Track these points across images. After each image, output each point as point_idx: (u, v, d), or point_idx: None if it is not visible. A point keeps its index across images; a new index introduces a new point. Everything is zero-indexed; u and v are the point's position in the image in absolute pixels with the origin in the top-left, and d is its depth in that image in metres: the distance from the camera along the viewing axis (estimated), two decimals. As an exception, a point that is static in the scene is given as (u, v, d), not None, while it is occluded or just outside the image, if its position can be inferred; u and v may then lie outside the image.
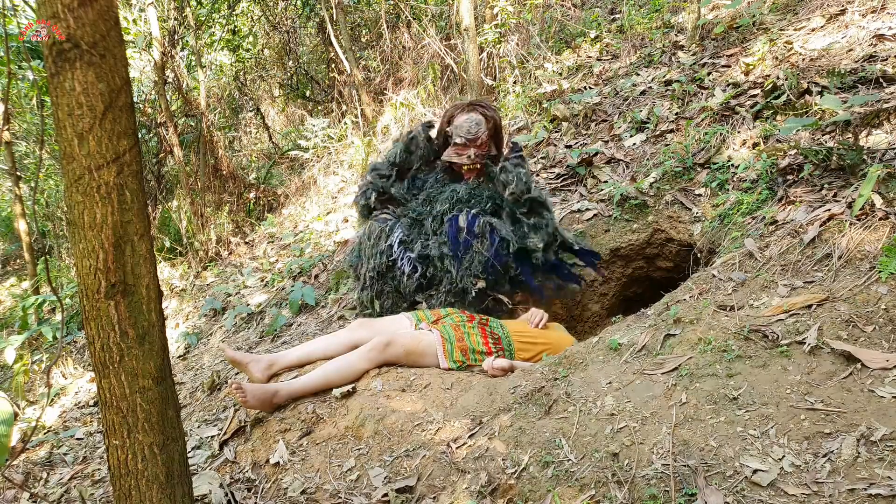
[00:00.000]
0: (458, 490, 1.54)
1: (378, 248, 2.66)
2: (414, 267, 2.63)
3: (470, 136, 2.54)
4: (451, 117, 2.62)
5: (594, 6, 5.72)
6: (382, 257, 2.64)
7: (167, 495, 1.33)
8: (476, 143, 2.56)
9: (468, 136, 2.54)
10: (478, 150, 2.57)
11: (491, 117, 2.59)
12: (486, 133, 2.56)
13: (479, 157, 2.58)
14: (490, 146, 2.62)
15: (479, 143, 2.56)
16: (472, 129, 2.54)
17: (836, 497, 1.17)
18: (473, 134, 2.54)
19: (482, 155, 2.58)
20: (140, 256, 1.23)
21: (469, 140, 2.55)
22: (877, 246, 1.76)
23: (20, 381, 4.00)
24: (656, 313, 2.02)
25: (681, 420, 1.47)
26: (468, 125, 2.55)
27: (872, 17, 3.18)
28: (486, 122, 2.57)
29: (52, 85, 1.12)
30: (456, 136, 2.57)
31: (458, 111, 2.61)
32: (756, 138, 2.83)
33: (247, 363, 2.31)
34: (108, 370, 1.24)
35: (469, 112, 2.57)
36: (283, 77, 8.52)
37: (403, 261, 2.64)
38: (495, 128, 2.62)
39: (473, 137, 2.54)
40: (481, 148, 2.57)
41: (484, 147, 2.58)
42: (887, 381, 1.41)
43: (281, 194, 6.82)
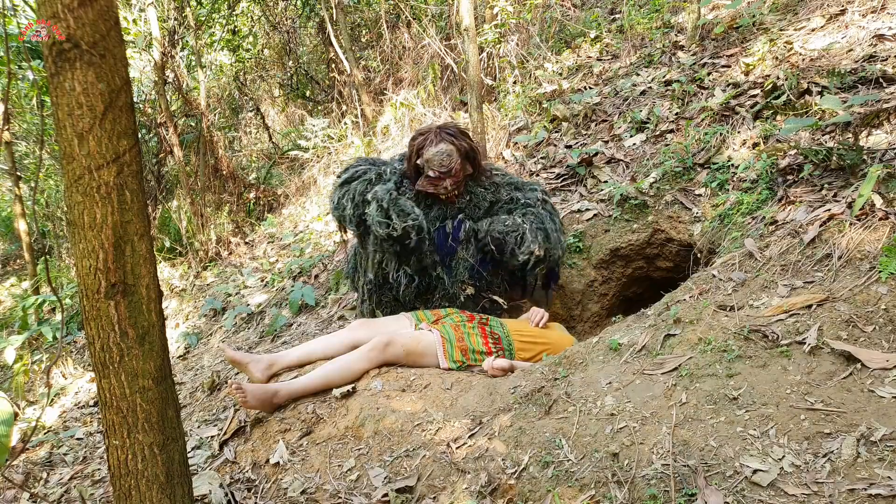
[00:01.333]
0: (458, 490, 1.54)
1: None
2: (410, 277, 2.62)
3: (443, 170, 2.47)
4: (420, 149, 2.52)
5: (594, 6, 5.72)
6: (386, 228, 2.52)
7: (167, 495, 1.33)
8: (450, 174, 2.48)
9: (441, 169, 2.47)
10: (452, 179, 2.50)
11: (461, 145, 2.52)
12: (458, 162, 2.49)
13: (455, 186, 2.52)
14: (464, 170, 2.55)
15: (453, 173, 2.49)
16: (444, 161, 2.46)
17: (836, 497, 1.17)
18: (446, 167, 2.46)
19: (457, 182, 2.52)
20: (140, 256, 1.23)
21: (442, 173, 2.48)
22: (877, 246, 1.75)
23: (20, 381, 4.00)
24: (656, 313, 2.02)
25: (681, 420, 1.47)
26: (439, 158, 2.46)
27: (872, 17, 3.18)
28: (458, 151, 2.49)
29: (52, 85, 1.12)
30: (428, 170, 2.50)
31: (427, 143, 2.51)
32: (756, 138, 2.83)
33: (247, 363, 2.31)
34: (108, 370, 1.24)
35: (438, 144, 2.47)
36: (283, 77, 8.52)
37: (399, 273, 2.63)
38: (468, 151, 2.55)
39: (448, 170, 2.47)
40: (455, 177, 2.50)
41: (458, 174, 2.51)
42: (887, 381, 1.41)
43: (281, 194, 6.82)
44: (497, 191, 2.66)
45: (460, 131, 2.56)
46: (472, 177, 2.60)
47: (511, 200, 2.66)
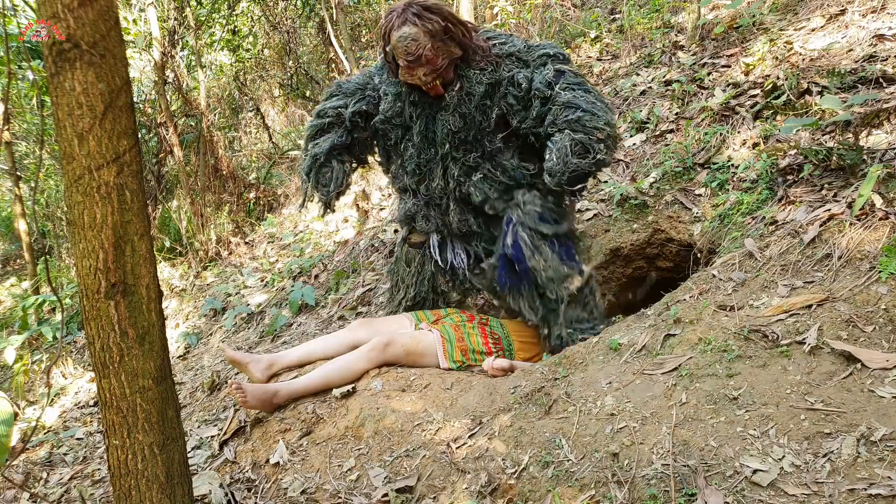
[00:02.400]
0: (458, 490, 1.54)
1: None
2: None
3: (410, 58, 2.08)
4: (386, 34, 2.14)
5: (594, 6, 5.72)
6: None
7: (167, 495, 1.33)
8: (420, 62, 2.08)
9: (408, 57, 2.08)
10: (426, 68, 2.10)
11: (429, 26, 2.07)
12: (430, 46, 2.06)
13: (433, 74, 2.12)
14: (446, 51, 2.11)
15: (425, 61, 2.08)
16: (410, 47, 2.06)
17: (836, 497, 1.17)
18: (413, 53, 2.06)
19: (436, 70, 2.11)
20: (140, 256, 1.23)
21: (411, 62, 2.09)
22: (877, 246, 1.75)
23: (20, 381, 4.00)
24: (656, 313, 2.02)
25: (681, 420, 1.47)
26: (403, 45, 2.07)
27: (872, 17, 3.18)
28: (425, 33, 2.06)
29: (52, 85, 1.12)
30: (398, 58, 2.13)
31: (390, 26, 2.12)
32: (756, 138, 2.83)
33: (247, 363, 2.31)
34: (108, 370, 1.24)
35: (401, 27, 2.07)
36: (283, 77, 8.52)
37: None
38: (444, 31, 2.09)
39: (415, 57, 2.07)
40: (431, 63, 2.09)
41: (435, 60, 2.09)
42: (887, 381, 1.41)
43: (281, 194, 6.82)
44: (496, 69, 2.18)
45: (428, 7, 2.09)
46: (462, 59, 2.17)
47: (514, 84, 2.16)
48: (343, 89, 2.44)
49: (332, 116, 2.41)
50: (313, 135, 2.46)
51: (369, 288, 3.62)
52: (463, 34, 2.13)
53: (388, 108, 2.31)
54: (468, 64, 2.17)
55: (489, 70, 2.17)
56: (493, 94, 2.19)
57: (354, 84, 2.43)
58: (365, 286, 3.66)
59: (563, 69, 2.14)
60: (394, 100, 2.30)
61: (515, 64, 2.17)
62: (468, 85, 2.18)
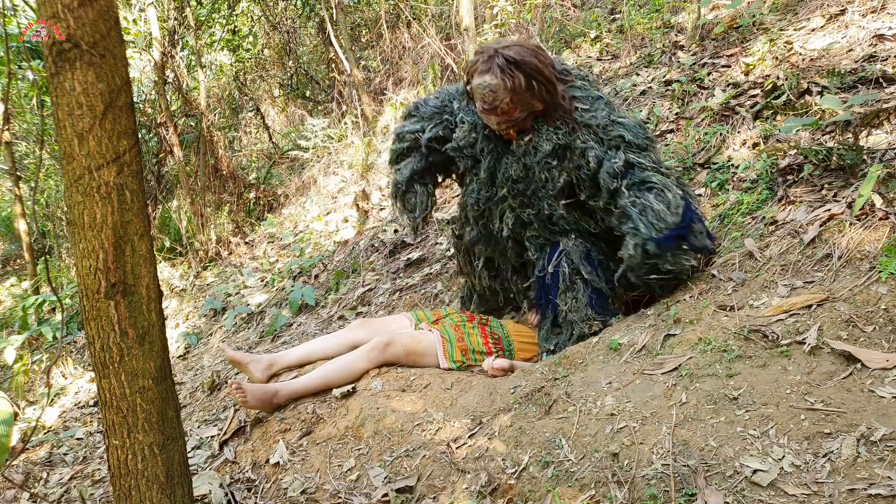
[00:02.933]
0: (458, 490, 1.54)
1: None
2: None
3: (486, 106, 2.06)
4: (470, 74, 2.11)
5: (594, 6, 5.72)
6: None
7: (167, 495, 1.33)
8: (496, 112, 2.06)
9: (483, 105, 2.06)
10: (500, 118, 2.07)
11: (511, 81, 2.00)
12: (507, 100, 2.01)
13: (508, 123, 2.09)
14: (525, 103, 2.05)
15: (500, 112, 2.05)
16: (487, 97, 2.03)
17: (836, 497, 1.17)
18: (489, 103, 2.04)
19: (511, 121, 2.08)
20: (140, 256, 1.23)
21: (486, 109, 2.07)
22: (877, 246, 1.75)
23: (20, 381, 4.00)
24: (656, 313, 2.02)
25: (681, 420, 1.47)
26: (482, 92, 2.03)
27: (872, 17, 3.18)
28: (505, 87, 1.99)
29: (52, 85, 1.12)
30: (475, 99, 2.10)
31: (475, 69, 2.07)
32: (756, 138, 2.83)
33: (247, 363, 2.31)
34: (108, 370, 1.24)
35: (484, 74, 2.02)
36: (283, 77, 8.52)
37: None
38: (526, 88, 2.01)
39: (490, 107, 2.05)
40: (507, 115, 2.06)
41: (512, 113, 2.05)
42: (887, 381, 1.41)
43: (281, 194, 6.83)
44: (570, 133, 2.09)
45: (516, 61, 2.00)
46: (542, 113, 2.10)
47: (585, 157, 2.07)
48: (421, 112, 2.43)
49: (410, 141, 2.43)
50: (395, 159, 2.50)
51: (369, 288, 3.62)
52: (546, 91, 2.06)
53: (462, 137, 2.29)
54: (545, 119, 2.11)
55: (563, 131, 2.10)
56: (561, 156, 2.12)
57: (432, 108, 2.41)
58: (365, 286, 3.66)
59: (633, 161, 2.04)
60: (469, 130, 2.27)
61: (591, 137, 2.08)
62: (537, 139, 2.13)
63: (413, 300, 3.24)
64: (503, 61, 2.01)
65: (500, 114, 2.07)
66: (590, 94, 2.15)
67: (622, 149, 2.05)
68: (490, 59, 2.04)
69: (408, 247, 3.90)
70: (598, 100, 2.15)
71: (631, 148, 2.06)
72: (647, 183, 2.02)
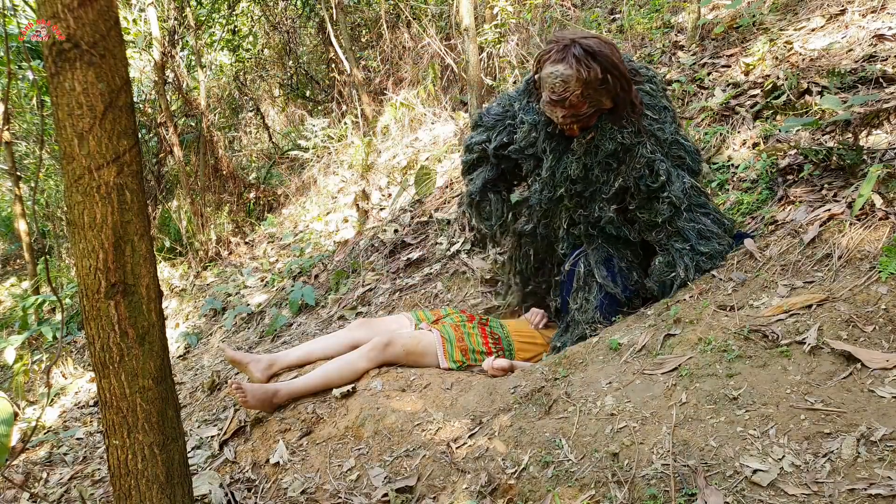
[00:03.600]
0: (458, 490, 1.54)
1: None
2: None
3: (554, 97, 1.96)
4: (540, 62, 2.02)
5: (594, 6, 5.72)
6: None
7: (167, 495, 1.33)
8: (563, 105, 1.96)
9: (552, 95, 1.96)
10: (567, 111, 1.97)
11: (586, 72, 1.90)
12: (579, 93, 1.92)
13: (572, 118, 2.00)
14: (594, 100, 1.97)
15: (568, 104, 1.95)
16: (557, 87, 1.93)
17: (836, 497, 1.17)
18: (559, 94, 1.94)
19: (577, 115, 1.99)
20: (140, 256, 1.23)
21: (554, 100, 1.97)
22: (877, 246, 1.75)
23: (20, 381, 4.00)
24: (656, 313, 2.02)
25: (681, 420, 1.47)
26: (553, 81, 1.94)
27: (872, 17, 3.18)
28: (578, 79, 1.90)
29: (52, 85, 1.12)
30: (543, 89, 2.01)
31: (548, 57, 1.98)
32: (756, 138, 2.83)
33: (247, 363, 2.31)
34: (108, 370, 1.24)
35: (557, 63, 1.92)
36: (283, 77, 8.52)
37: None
38: (600, 81, 1.92)
39: (559, 98, 1.95)
40: (575, 108, 1.97)
41: (580, 107, 1.96)
42: (887, 381, 1.41)
43: (281, 194, 6.83)
44: (636, 135, 2.02)
45: (594, 52, 1.91)
46: (610, 112, 2.02)
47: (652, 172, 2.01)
48: (484, 122, 2.42)
49: (478, 151, 2.44)
50: (467, 170, 2.52)
51: (369, 288, 3.62)
52: (621, 88, 1.97)
53: (523, 138, 2.25)
54: (612, 117, 2.03)
55: (627, 131, 2.02)
56: (622, 159, 2.05)
57: (494, 116, 2.39)
58: (365, 286, 3.66)
59: (688, 183, 2.04)
60: (529, 129, 2.22)
61: (658, 150, 2.03)
62: (600, 137, 2.05)
63: (413, 300, 3.24)
64: (580, 51, 1.92)
65: (568, 106, 1.98)
66: (658, 103, 2.09)
67: (684, 170, 2.05)
68: (566, 49, 1.94)
69: (408, 247, 3.90)
70: (665, 110, 2.10)
71: (691, 172, 2.07)
72: (703, 208, 2.05)
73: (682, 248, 2.04)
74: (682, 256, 2.04)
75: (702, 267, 2.04)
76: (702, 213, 2.04)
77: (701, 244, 2.02)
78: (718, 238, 2.04)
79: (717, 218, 2.07)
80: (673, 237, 2.06)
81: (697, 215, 2.04)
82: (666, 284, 2.10)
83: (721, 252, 2.04)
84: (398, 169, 5.28)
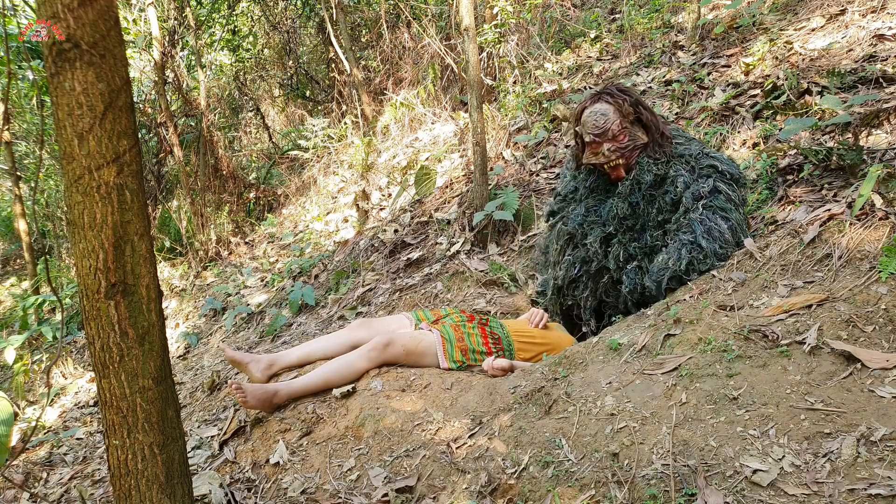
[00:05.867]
0: (458, 490, 1.54)
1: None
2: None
3: (597, 132, 2.20)
4: (579, 115, 2.28)
5: (594, 6, 5.72)
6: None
7: (167, 495, 1.33)
8: (607, 137, 2.19)
9: (595, 131, 2.20)
10: (612, 143, 2.20)
11: (621, 104, 2.19)
12: (618, 122, 2.18)
13: (618, 152, 2.21)
14: (632, 134, 2.21)
15: (612, 136, 2.19)
16: (599, 121, 2.18)
17: (836, 497, 1.17)
18: (601, 127, 2.19)
19: (621, 148, 2.21)
20: (140, 256, 1.23)
21: (597, 136, 2.20)
22: (877, 246, 1.75)
23: (20, 381, 4.00)
24: (656, 313, 2.02)
25: (681, 420, 1.47)
26: (592, 119, 2.20)
27: (872, 17, 3.18)
28: (615, 109, 2.18)
29: (52, 85, 1.12)
30: (585, 135, 2.24)
31: (585, 104, 2.27)
32: (756, 138, 2.83)
33: (247, 363, 2.31)
34: (108, 370, 1.24)
35: (594, 104, 2.22)
36: (283, 77, 8.52)
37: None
38: (633, 111, 2.20)
39: (602, 131, 2.19)
40: (617, 140, 2.19)
41: (622, 138, 2.19)
42: (887, 381, 1.41)
43: (281, 194, 6.83)
44: (668, 163, 2.21)
45: (623, 89, 2.24)
46: (646, 147, 2.23)
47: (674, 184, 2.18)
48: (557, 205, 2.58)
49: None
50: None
51: (369, 288, 3.62)
52: (651, 120, 2.21)
53: (564, 187, 2.49)
54: (648, 152, 2.23)
55: (662, 161, 2.21)
56: (660, 186, 2.22)
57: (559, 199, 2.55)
58: (365, 286, 3.66)
59: (721, 189, 2.12)
60: (570, 179, 2.45)
61: (683, 166, 2.19)
62: (639, 172, 2.22)
63: (413, 300, 3.24)
64: (611, 89, 2.24)
65: (611, 138, 2.20)
66: (684, 134, 2.32)
67: (713, 177, 2.14)
68: (599, 93, 2.26)
69: (408, 247, 3.90)
70: (690, 139, 2.29)
71: (724, 177, 2.14)
72: (725, 212, 2.10)
73: (684, 239, 2.10)
74: (681, 247, 2.10)
75: (695, 265, 2.08)
76: (720, 216, 2.09)
77: (704, 239, 2.07)
78: (724, 242, 2.07)
79: (734, 227, 2.09)
80: (683, 228, 2.13)
81: (714, 215, 2.09)
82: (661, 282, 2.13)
83: (720, 255, 2.07)
84: (398, 169, 5.28)
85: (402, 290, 3.40)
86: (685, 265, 2.07)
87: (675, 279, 2.11)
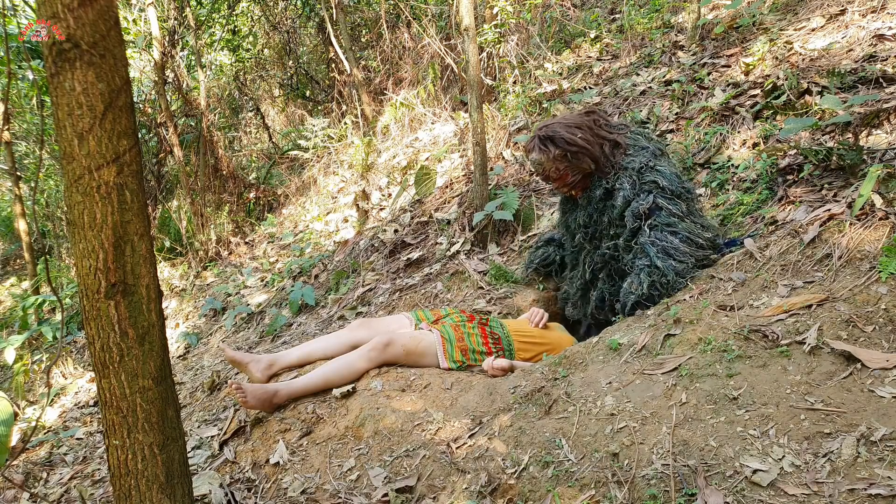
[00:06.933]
0: (458, 490, 1.54)
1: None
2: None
3: (541, 177, 2.44)
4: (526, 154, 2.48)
5: (594, 6, 5.72)
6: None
7: (167, 495, 1.33)
8: (551, 179, 2.40)
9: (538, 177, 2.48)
10: (556, 184, 2.41)
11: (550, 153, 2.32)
12: (554, 168, 2.33)
13: (566, 187, 2.40)
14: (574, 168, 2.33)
15: (554, 178, 2.38)
16: (538, 169, 2.40)
17: (836, 497, 1.17)
18: (541, 174, 2.42)
19: (568, 184, 2.39)
20: (140, 256, 1.23)
21: (542, 179, 2.46)
22: (877, 246, 1.75)
23: (20, 381, 4.00)
24: (656, 313, 2.02)
25: (681, 420, 1.47)
26: (532, 167, 2.45)
27: (872, 17, 3.18)
28: (548, 159, 2.33)
29: (52, 85, 1.12)
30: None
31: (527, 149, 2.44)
32: (756, 138, 2.83)
33: (247, 363, 2.31)
34: (108, 370, 1.24)
35: (531, 152, 2.39)
36: (283, 77, 8.52)
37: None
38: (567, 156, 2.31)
39: (544, 176, 2.41)
40: (559, 181, 2.38)
41: (564, 178, 2.37)
42: (887, 381, 1.41)
43: (281, 194, 6.83)
44: (615, 176, 2.31)
45: (551, 136, 2.33)
46: (596, 170, 2.34)
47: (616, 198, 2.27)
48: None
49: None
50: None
51: (369, 288, 3.61)
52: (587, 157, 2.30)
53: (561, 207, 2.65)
54: (599, 173, 2.34)
55: (610, 175, 2.32)
56: (610, 197, 2.33)
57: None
58: (365, 286, 3.66)
59: (661, 205, 2.18)
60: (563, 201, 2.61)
61: (626, 180, 2.26)
62: (591, 189, 2.38)
63: (413, 300, 3.24)
64: (537, 140, 2.37)
65: (554, 180, 2.40)
66: (638, 143, 2.34)
67: (654, 193, 2.20)
68: (534, 138, 2.38)
69: (408, 247, 3.90)
70: (643, 149, 2.31)
71: (664, 193, 2.19)
72: (671, 227, 2.16)
73: (641, 265, 2.20)
74: (640, 272, 2.19)
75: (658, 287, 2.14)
76: (669, 232, 2.16)
77: (659, 258, 2.14)
78: (681, 254, 2.13)
79: (687, 237, 2.15)
80: (639, 254, 2.22)
81: (663, 233, 2.16)
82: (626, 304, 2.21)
83: (679, 270, 2.13)
84: (398, 169, 5.28)
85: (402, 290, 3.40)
86: (647, 288, 2.14)
87: (639, 304, 2.17)
